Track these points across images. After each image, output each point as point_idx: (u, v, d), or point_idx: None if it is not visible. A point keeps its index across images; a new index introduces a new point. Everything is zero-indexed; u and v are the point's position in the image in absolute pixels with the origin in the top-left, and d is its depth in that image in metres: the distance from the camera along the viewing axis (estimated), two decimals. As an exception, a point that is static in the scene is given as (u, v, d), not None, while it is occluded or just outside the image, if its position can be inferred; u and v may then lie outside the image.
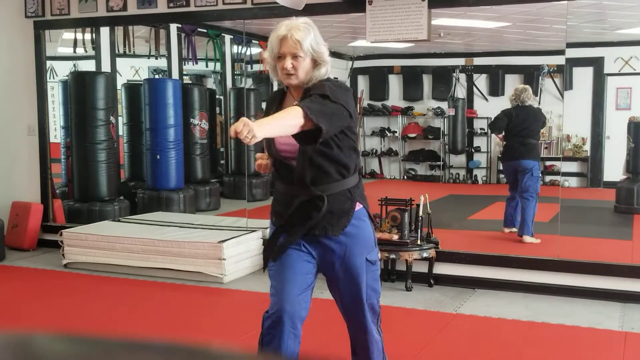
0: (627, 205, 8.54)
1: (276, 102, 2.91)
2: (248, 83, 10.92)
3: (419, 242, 5.51)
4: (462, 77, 12.20)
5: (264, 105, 11.98)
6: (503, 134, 7.36)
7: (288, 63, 2.73)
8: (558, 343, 4.29)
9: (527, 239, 6.73)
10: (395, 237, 5.48)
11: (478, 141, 12.06)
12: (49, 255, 6.77)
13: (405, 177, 12.76)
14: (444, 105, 12.31)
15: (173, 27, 8.74)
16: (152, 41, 9.00)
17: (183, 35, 8.85)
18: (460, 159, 12.29)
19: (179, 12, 6.49)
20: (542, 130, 7.27)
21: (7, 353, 0.62)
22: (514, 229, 7.04)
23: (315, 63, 2.77)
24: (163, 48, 8.97)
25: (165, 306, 5.12)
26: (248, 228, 6.35)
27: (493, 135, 11.60)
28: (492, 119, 7.46)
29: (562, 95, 11.14)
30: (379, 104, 13.09)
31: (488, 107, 11.64)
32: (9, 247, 6.95)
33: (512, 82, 11.66)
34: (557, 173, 11.25)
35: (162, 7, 6.54)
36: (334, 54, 12.32)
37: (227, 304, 5.25)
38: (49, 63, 7.52)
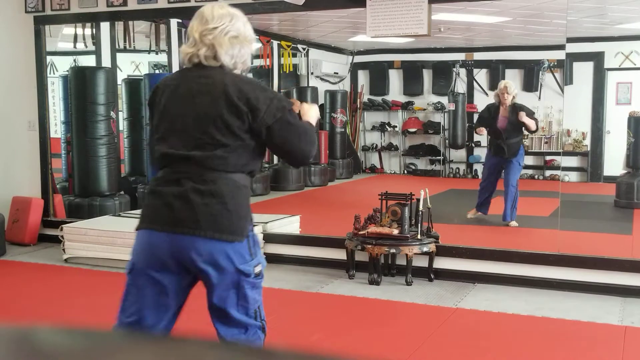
0: (627, 199, 8.55)
1: None
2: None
3: (419, 236, 5.51)
4: (462, 71, 12.21)
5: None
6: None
7: None
8: (558, 337, 4.30)
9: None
10: (396, 231, 5.48)
11: (478, 136, 12.05)
12: (49, 250, 6.78)
13: (406, 171, 12.77)
14: (444, 100, 12.31)
15: (173, 22, 8.73)
16: (152, 36, 9.00)
17: (183, 30, 8.83)
18: (461, 154, 12.30)
19: (179, 7, 6.49)
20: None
21: (9, 346, 0.63)
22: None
23: None
24: (163, 43, 8.97)
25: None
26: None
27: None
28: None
29: (562, 90, 11.14)
30: (379, 98, 13.09)
31: (488, 102, 11.62)
32: (10, 242, 6.95)
33: (513, 77, 11.68)
34: (557, 168, 11.26)
35: (162, 2, 6.54)
36: (335, 49, 12.35)
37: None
38: (49, 58, 7.51)
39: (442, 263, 5.65)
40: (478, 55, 12.14)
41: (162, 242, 2.61)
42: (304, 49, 11.68)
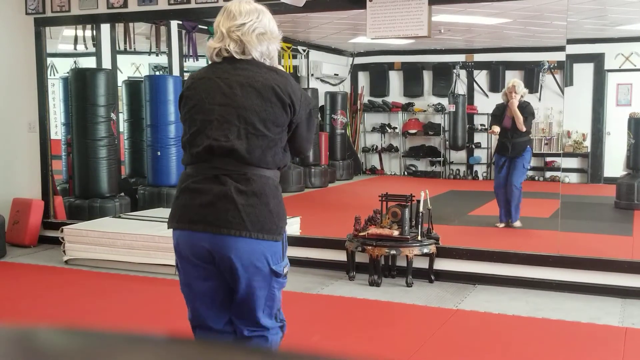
0: (628, 201, 8.55)
1: None
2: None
3: (419, 237, 5.51)
4: (463, 73, 12.21)
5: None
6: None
7: None
8: (558, 338, 4.30)
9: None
10: (396, 233, 5.48)
11: (478, 137, 12.07)
12: (49, 251, 6.78)
13: (406, 173, 12.76)
14: (444, 101, 12.31)
15: (174, 24, 8.73)
16: (152, 38, 8.99)
17: (184, 31, 8.84)
18: (461, 155, 12.29)
19: (180, 8, 6.49)
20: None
21: (9, 346, 0.63)
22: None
23: None
24: (164, 45, 8.97)
25: (165, 302, 5.13)
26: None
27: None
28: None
29: (562, 91, 11.14)
30: (379, 100, 13.09)
31: (488, 103, 11.63)
32: (10, 244, 6.96)
33: (513, 78, 11.69)
34: (558, 169, 11.26)
35: (162, 4, 6.55)
36: (335, 51, 12.35)
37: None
38: (49, 60, 7.52)
39: (442, 264, 5.65)
40: (478, 57, 12.14)
41: (202, 242, 2.63)
42: (304, 50, 11.68)
